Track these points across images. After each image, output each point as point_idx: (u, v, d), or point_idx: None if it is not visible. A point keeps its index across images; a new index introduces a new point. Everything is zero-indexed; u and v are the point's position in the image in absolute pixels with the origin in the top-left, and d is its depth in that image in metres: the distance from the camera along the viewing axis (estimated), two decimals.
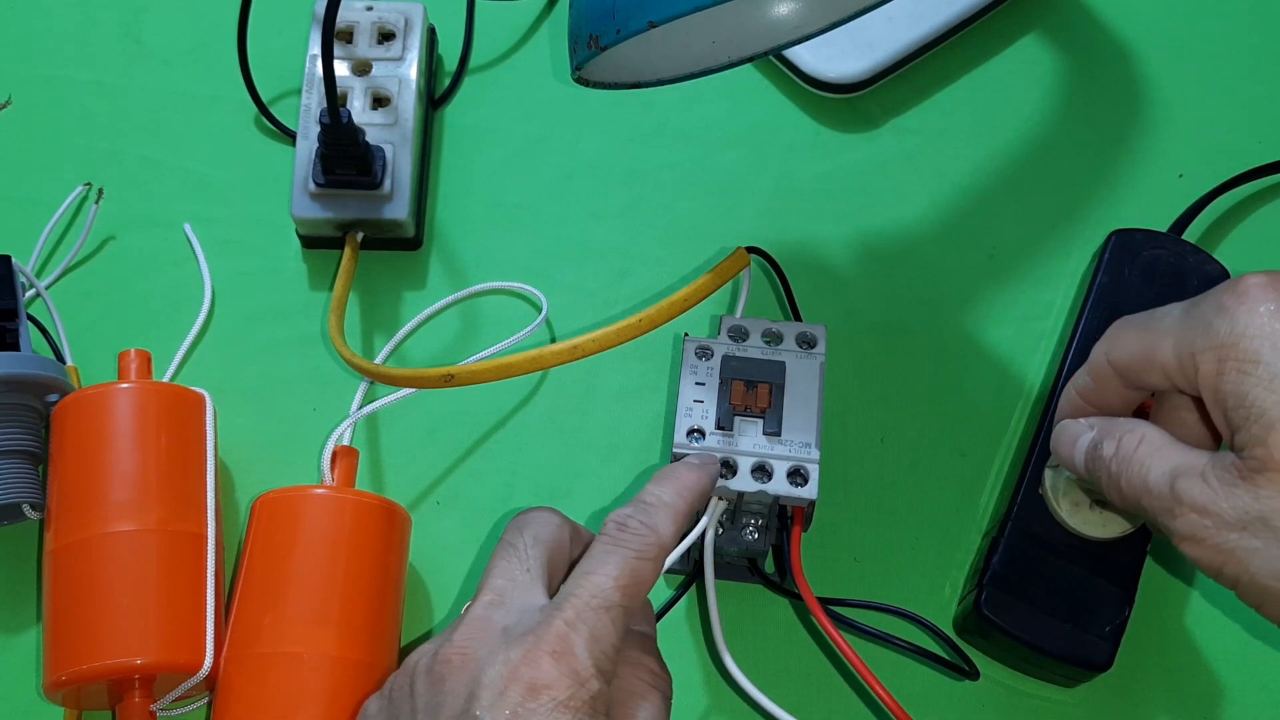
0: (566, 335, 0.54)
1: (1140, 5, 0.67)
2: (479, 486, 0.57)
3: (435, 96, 0.65)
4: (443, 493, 0.57)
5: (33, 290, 0.59)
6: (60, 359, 0.58)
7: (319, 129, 0.56)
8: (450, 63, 0.66)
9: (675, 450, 0.49)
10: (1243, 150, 0.63)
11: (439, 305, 0.60)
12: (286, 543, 0.50)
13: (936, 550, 0.55)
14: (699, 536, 0.49)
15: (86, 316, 0.60)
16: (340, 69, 0.61)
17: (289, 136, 0.63)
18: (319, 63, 0.59)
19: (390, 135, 0.60)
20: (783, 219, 0.62)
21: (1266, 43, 0.66)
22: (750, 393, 0.50)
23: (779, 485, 0.48)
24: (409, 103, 0.60)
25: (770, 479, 0.48)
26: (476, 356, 0.58)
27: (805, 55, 0.63)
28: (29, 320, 0.56)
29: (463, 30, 0.66)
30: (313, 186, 0.58)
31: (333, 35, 0.53)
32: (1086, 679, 0.52)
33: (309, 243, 0.61)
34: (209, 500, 0.52)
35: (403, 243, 0.61)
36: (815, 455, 0.49)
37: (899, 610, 0.53)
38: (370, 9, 0.62)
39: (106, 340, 0.58)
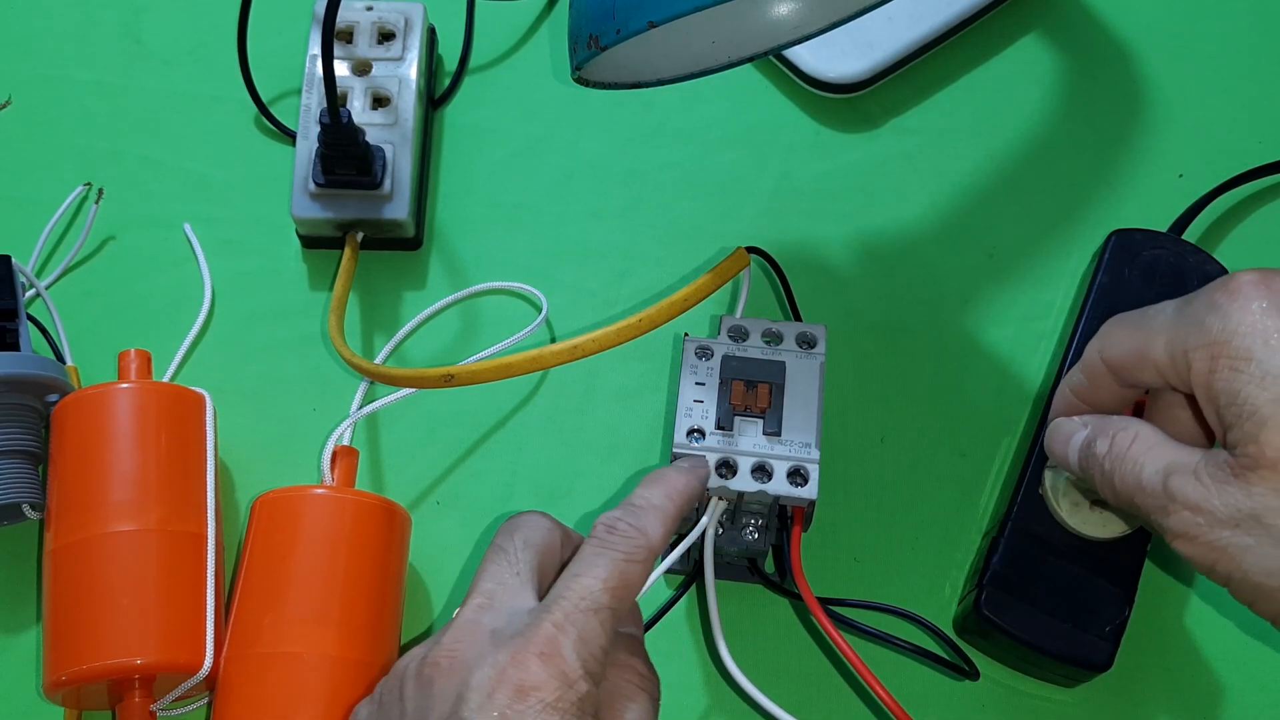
0: (566, 335, 0.54)
1: (1140, 5, 0.67)
2: (479, 486, 0.57)
3: (435, 96, 0.65)
4: (443, 493, 0.57)
5: (33, 290, 0.59)
6: (60, 359, 0.58)
7: (319, 129, 0.56)
8: (450, 63, 0.66)
9: (675, 450, 0.49)
10: (1243, 150, 0.63)
11: (439, 305, 0.60)
12: (286, 543, 0.50)
13: (936, 550, 0.55)
14: (699, 536, 0.49)
15: (86, 316, 0.60)
16: (340, 69, 0.61)
17: (289, 136, 0.63)
18: (319, 63, 0.59)
19: (390, 135, 0.60)
20: (783, 219, 0.62)
21: (1266, 43, 0.66)
22: (750, 393, 0.50)
23: (779, 485, 0.48)
24: (409, 103, 0.60)
25: (770, 479, 0.48)
26: (476, 356, 0.58)
27: (805, 55, 0.63)
28: (29, 320, 0.56)
29: (463, 30, 0.66)
30: (313, 186, 0.58)
31: (333, 35, 0.53)
32: (1086, 679, 0.52)
33: (309, 243, 0.61)
34: (209, 500, 0.52)
35: (403, 243, 0.61)
36: (815, 455, 0.49)
37: (899, 610, 0.53)
38: (370, 9, 0.62)
39: (106, 340, 0.58)
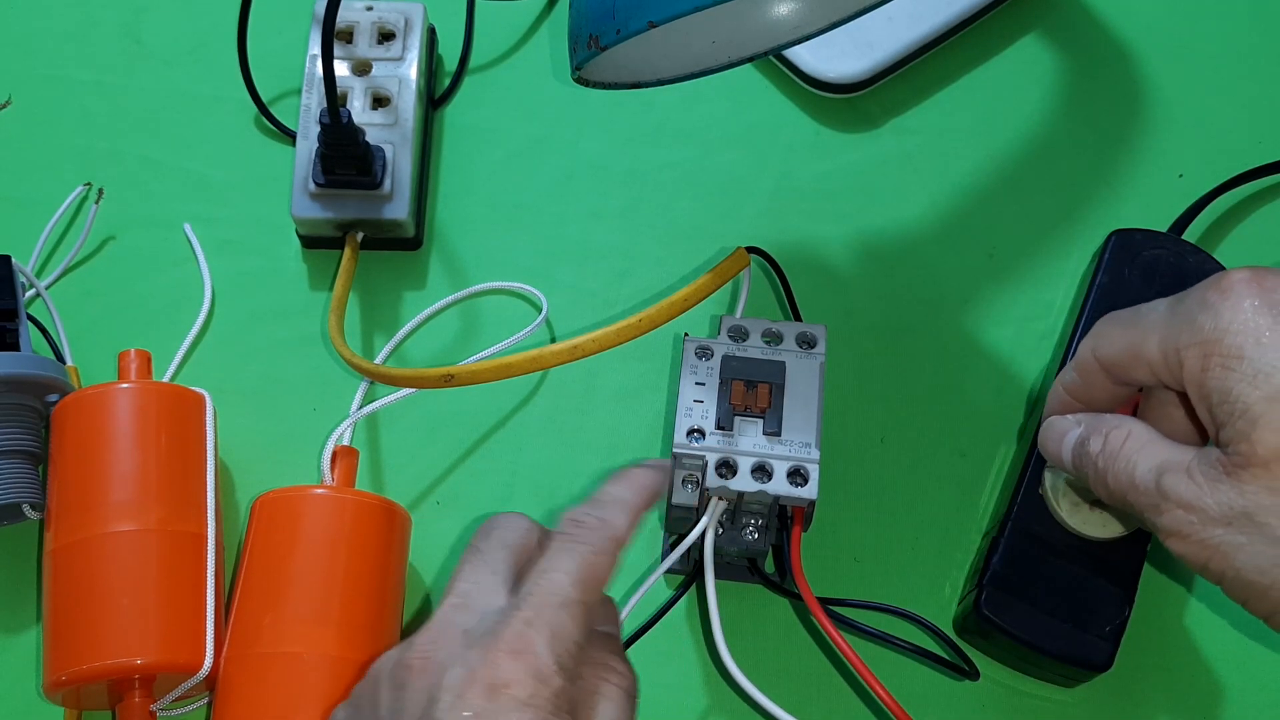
0: (566, 335, 0.54)
1: (1140, 5, 0.67)
2: (479, 486, 0.57)
3: (435, 96, 0.64)
4: (443, 493, 0.57)
5: (33, 290, 0.59)
6: (60, 359, 0.58)
7: (319, 129, 0.56)
8: (450, 63, 0.66)
9: (675, 450, 0.49)
10: (1243, 150, 0.63)
11: (439, 305, 0.60)
12: (286, 543, 0.50)
13: (936, 550, 0.55)
14: (699, 536, 0.49)
15: (86, 316, 0.60)
16: (340, 69, 0.61)
17: (289, 136, 0.63)
18: (319, 63, 0.59)
19: (390, 135, 0.60)
20: (783, 219, 0.62)
21: (1266, 43, 0.66)
22: (750, 393, 0.50)
23: (779, 485, 0.48)
24: (409, 103, 0.60)
25: (770, 479, 0.48)
26: (476, 356, 0.58)
27: (805, 55, 0.63)
28: (29, 320, 0.56)
29: (463, 30, 0.66)
30: (313, 186, 0.58)
31: (333, 35, 0.53)
32: (1086, 679, 0.52)
33: (309, 243, 0.61)
34: (209, 500, 0.52)
35: (403, 243, 0.61)
36: (815, 455, 0.49)
37: (899, 610, 0.53)
38: (370, 9, 0.62)
39: (106, 340, 0.58)
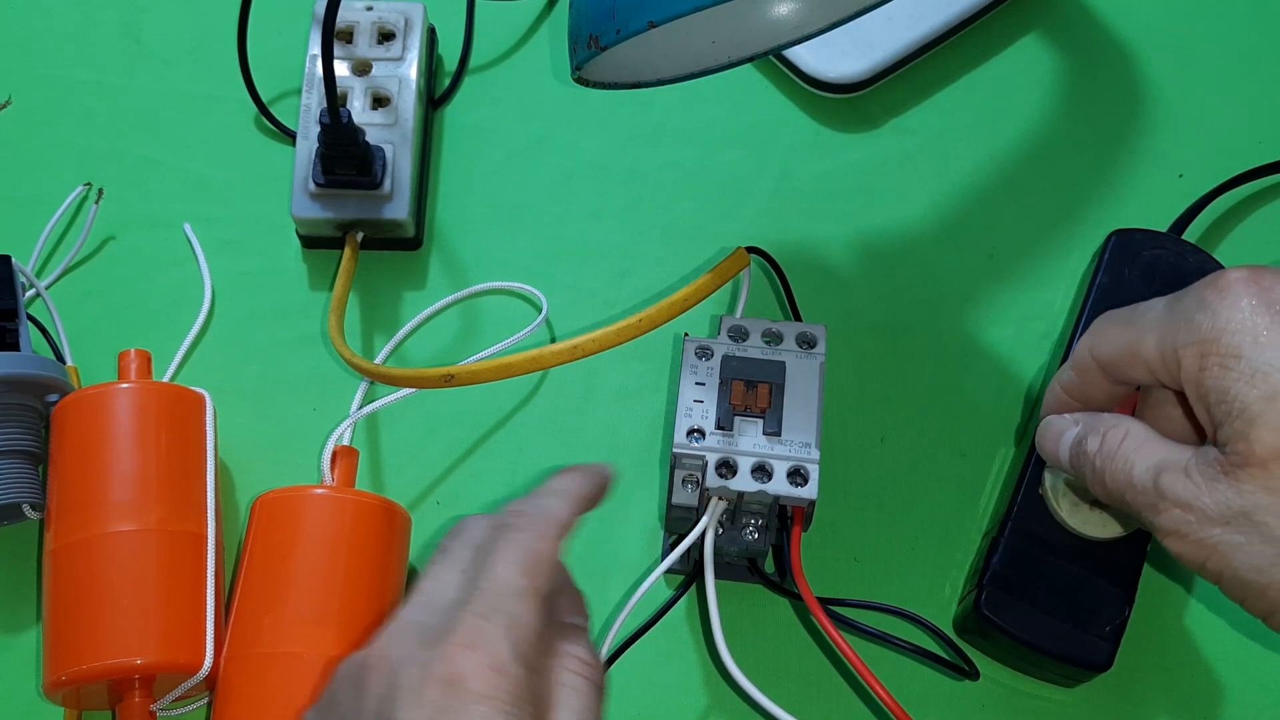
0: (566, 335, 0.54)
1: (1140, 5, 0.67)
2: (479, 486, 0.57)
3: (435, 96, 0.64)
4: (443, 493, 0.57)
5: (33, 290, 0.59)
6: (60, 359, 0.58)
7: (319, 129, 0.56)
8: (450, 63, 0.66)
9: (675, 450, 0.49)
10: (1243, 150, 0.63)
11: (439, 305, 0.60)
12: (286, 543, 0.50)
13: (936, 550, 0.55)
14: (699, 536, 0.49)
15: (86, 316, 0.60)
16: (340, 69, 0.61)
17: (289, 136, 0.63)
18: (319, 63, 0.59)
19: (390, 135, 0.60)
20: (783, 219, 0.62)
21: (1266, 43, 0.66)
22: (750, 393, 0.50)
23: (779, 485, 0.48)
24: (409, 103, 0.60)
25: (770, 479, 0.48)
26: (476, 356, 0.58)
27: (805, 55, 0.63)
28: (29, 320, 0.56)
29: (463, 30, 0.66)
30: (313, 186, 0.58)
31: (333, 35, 0.53)
32: (1086, 679, 0.52)
33: (309, 243, 0.61)
34: (209, 500, 0.52)
35: (403, 243, 0.61)
36: (815, 455, 0.49)
37: (899, 610, 0.53)
38: (370, 9, 0.62)
39: (106, 340, 0.58)
